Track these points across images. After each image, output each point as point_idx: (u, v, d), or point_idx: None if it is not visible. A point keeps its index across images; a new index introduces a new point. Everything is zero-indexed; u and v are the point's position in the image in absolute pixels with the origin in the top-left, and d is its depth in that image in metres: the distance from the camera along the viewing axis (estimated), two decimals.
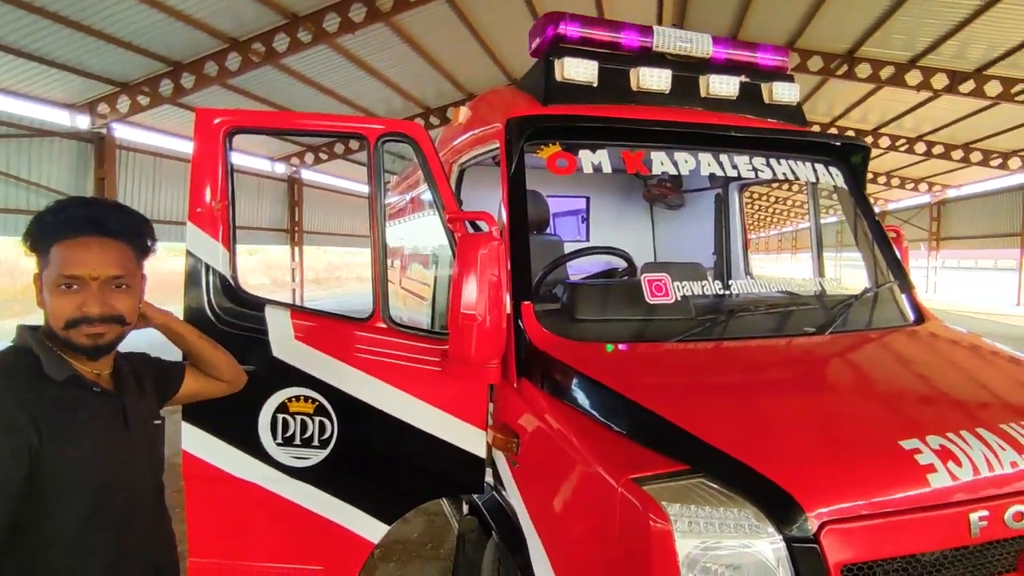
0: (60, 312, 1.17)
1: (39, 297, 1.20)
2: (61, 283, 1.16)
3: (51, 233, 1.17)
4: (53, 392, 1.16)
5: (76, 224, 1.18)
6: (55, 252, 1.16)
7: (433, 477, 2.10)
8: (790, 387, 1.67)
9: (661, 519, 1.21)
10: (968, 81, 11.72)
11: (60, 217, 1.18)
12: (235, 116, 2.01)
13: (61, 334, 1.18)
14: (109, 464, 1.21)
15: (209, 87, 9.73)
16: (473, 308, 1.73)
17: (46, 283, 1.17)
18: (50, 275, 1.16)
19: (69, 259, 1.16)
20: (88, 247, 1.17)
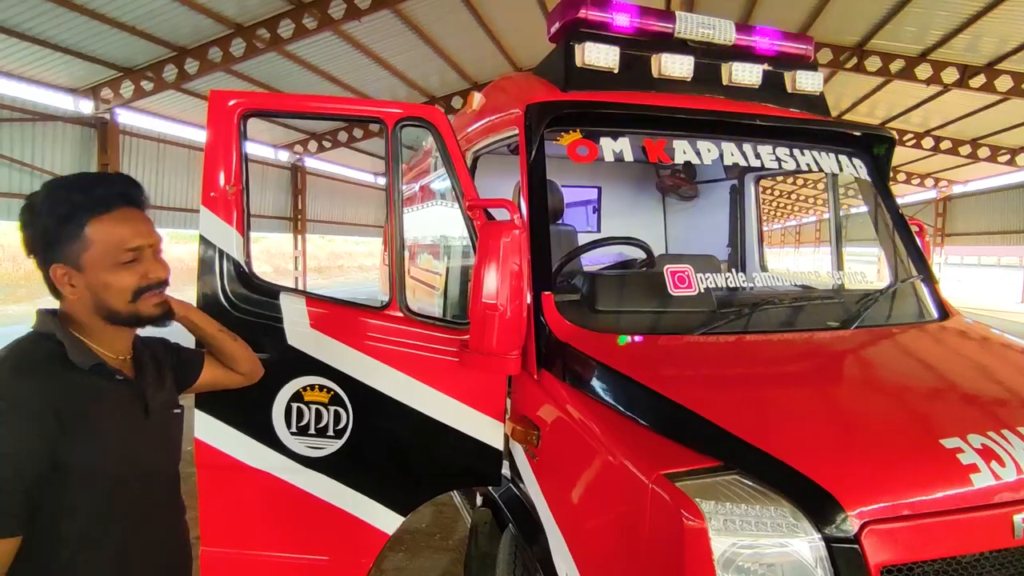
0: (126, 285, 1.14)
1: (66, 287, 1.14)
2: (125, 257, 1.14)
3: (86, 211, 1.12)
4: (76, 380, 1.12)
5: (112, 199, 1.15)
6: (96, 230, 1.12)
7: (449, 469, 2.07)
8: (821, 382, 1.63)
9: (695, 516, 1.17)
10: (979, 75, 11.60)
11: (92, 195, 1.13)
12: (250, 98, 1.96)
13: (126, 309, 1.16)
14: (128, 455, 1.18)
15: (213, 73, 9.64)
16: (495, 298, 1.69)
17: (94, 264, 1.12)
18: (101, 253, 1.12)
19: (125, 232, 1.14)
20: (133, 218, 1.16)
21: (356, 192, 19.47)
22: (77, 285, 1.14)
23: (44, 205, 1.12)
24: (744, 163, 2.23)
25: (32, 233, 1.14)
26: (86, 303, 1.15)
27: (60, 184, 1.16)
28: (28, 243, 1.15)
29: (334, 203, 18.12)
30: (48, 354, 1.12)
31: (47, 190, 1.15)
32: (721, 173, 3.74)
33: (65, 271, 1.13)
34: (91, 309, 1.16)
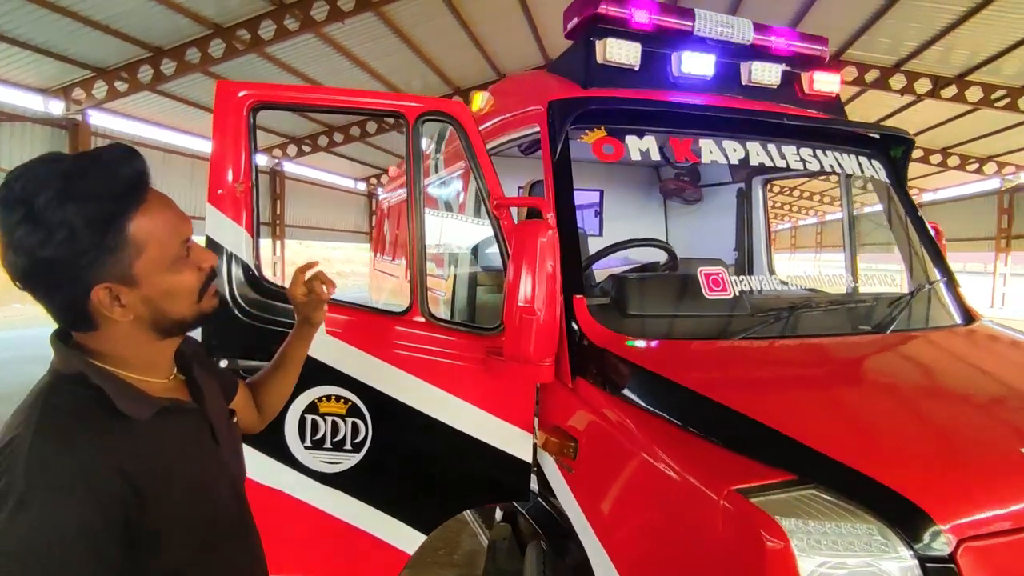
0: (192, 285, 0.91)
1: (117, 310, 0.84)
2: (183, 252, 0.90)
3: (125, 204, 0.83)
4: (135, 430, 0.85)
5: (142, 181, 0.85)
6: (143, 226, 0.83)
7: (475, 483, 1.95)
8: (882, 389, 1.57)
9: (777, 536, 1.09)
10: (950, 86, 11.95)
11: (120, 179, 0.83)
12: (260, 90, 1.83)
13: (192, 312, 0.92)
14: (209, 495, 0.96)
15: (191, 74, 9.39)
16: (532, 301, 1.59)
17: (152, 270, 0.85)
18: (157, 254, 0.85)
19: (172, 219, 0.88)
20: (165, 200, 0.89)
21: (335, 197, 19.19)
22: (130, 304, 0.85)
23: (58, 209, 0.77)
24: (770, 164, 2.17)
25: (41, 254, 0.77)
26: (142, 323, 0.88)
27: (59, 174, 0.79)
28: (28, 269, 0.79)
29: (313, 208, 17.82)
30: (88, 406, 0.83)
31: (46, 185, 0.78)
32: (726, 176, 3.71)
33: (110, 290, 0.83)
34: (147, 328, 0.89)
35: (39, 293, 0.83)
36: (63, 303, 0.84)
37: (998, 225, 16.96)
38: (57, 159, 0.82)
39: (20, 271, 0.80)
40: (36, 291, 0.83)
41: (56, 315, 0.86)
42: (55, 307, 0.84)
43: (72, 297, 0.82)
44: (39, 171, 0.79)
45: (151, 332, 0.90)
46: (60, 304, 0.84)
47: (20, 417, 0.82)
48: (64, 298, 0.83)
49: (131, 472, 0.81)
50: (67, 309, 0.84)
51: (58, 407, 0.82)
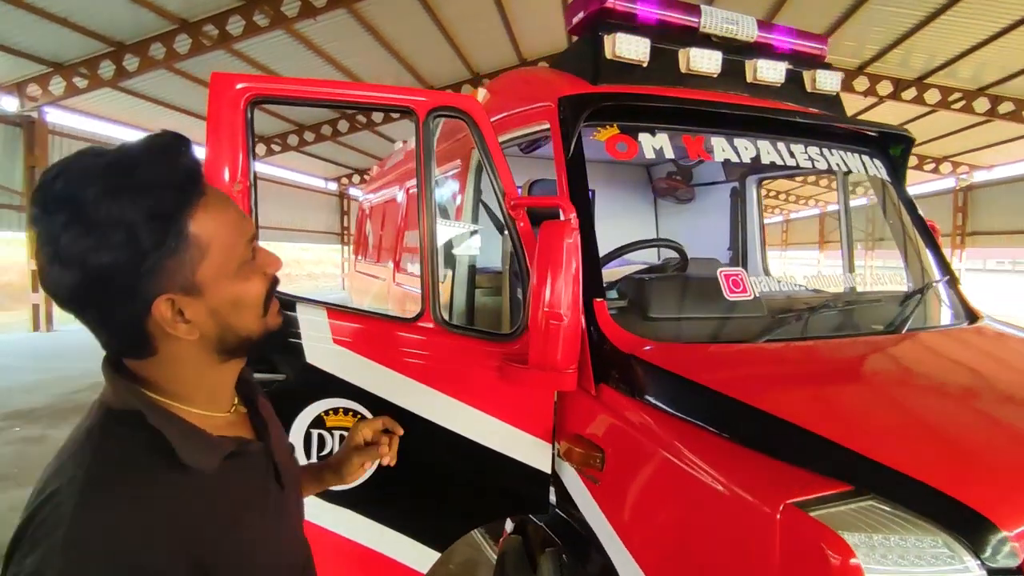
0: (259, 292, 0.77)
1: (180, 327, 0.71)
2: (248, 254, 0.76)
3: (185, 199, 0.69)
4: (198, 484, 0.71)
5: (196, 170, 0.72)
6: (206, 224, 0.70)
7: (491, 496, 1.87)
8: (921, 392, 1.54)
9: (844, 553, 1.03)
10: (910, 88, 12.35)
11: (179, 170, 0.70)
12: (259, 82, 1.71)
13: (258, 328, 0.78)
14: (275, 551, 0.84)
15: (155, 70, 9.05)
16: (559, 306, 1.51)
17: (217, 276, 0.72)
18: (222, 257, 0.72)
19: (235, 215, 0.75)
20: (227, 197, 0.77)
21: (306, 197, 18.79)
22: (195, 318, 0.71)
23: (112, 204, 0.64)
24: (781, 162, 2.14)
25: (95, 262, 0.64)
26: (206, 343, 0.74)
27: (107, 165, 0.66)
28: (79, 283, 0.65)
29: (282, 209, 17.41)
30: (143, 455, 0.69)
31: (94, 179, 0.65)
32: (720, 175, 3.70)
33: (173, 303, 0.69)
34: (211, 349, 0.75)
35: (90, 313, 0.68)
36: (120, 323, 0.70)
37: (953, 223, 17.59)
38: (99, 152, 0.69)
39: (69, 287, 0.65)
40: (87, 311, 0.68)
41: (109, 339, 0.72)
42: (109, 329, 0.71)
43: (130, 314, 0.68)
44: (81, 164, 0.66)
45: (215, 354, 0.76)
46: (116, 325, 0.70)
47: (65, 463, 0.68)
48: (121, 316, 0.69)
49: (194, 540, 0.68)
50: (123, 330, 0.70)
51: (109, 455, 0.68)
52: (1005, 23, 9.17)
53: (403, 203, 3.93)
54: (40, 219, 0.65)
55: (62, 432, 5.47)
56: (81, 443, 0.69)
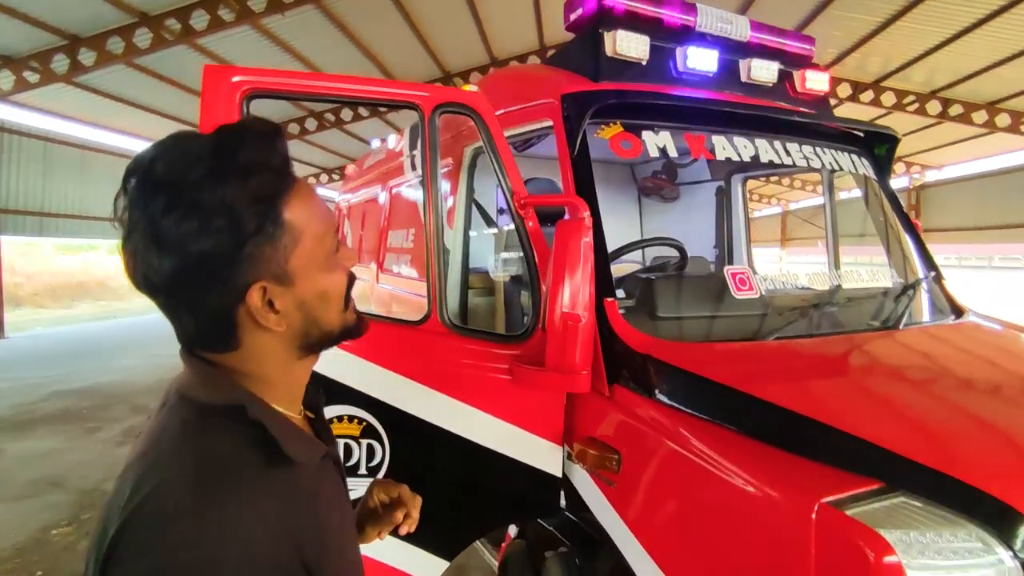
0: (342, 285, 0.74)
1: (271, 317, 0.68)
2: (335, 245, 0.74)
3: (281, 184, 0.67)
4: (298, 487, 0.68)
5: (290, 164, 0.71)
6: (296, 211, 0.68)
7: (502, 502, 1.83)
8: (939, 388, 1.56)
9: (884, 551, 1.03)
10: (868, 91, 12.77)
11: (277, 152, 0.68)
12: (257, 75, 1.63)
13: (339, 324, 0.75)
14: (356, 554, 0.82)
15: (112, 65, 8.65)
16: (577, 307, 1.48)
17: (307, 265, 0.69)
18: (311, 246, 0.69)
19: (322, 205, 0.73)
20: (312, 187, 0.74)
21: None
22: (284, 309, 0.69)
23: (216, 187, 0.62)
24: (779, 161, 2.16)
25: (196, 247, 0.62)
26: (292, 337, 0.71)
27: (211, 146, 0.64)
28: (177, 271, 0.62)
29: None
30: (251, 451, 0.66)
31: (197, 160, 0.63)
32: (705, 174, 3.73)
33: (265, 291, 0.67)
34: (295, 344, 0.72)
35: (181, 300, 0.66)
36: (211, 311, 0.66)
37: None
38: (194, 135, 0.67)
39: (166, 275, 0.63)
40: (178, 298, 0.65)
41: (195, 329, 0.68)
42: (198, 318, 0.67)
43: (223, 302, 0.66)
44: (183, 146, 0.64)
45: (296, 349, 0.73)
46: (206, 313, 0.66)
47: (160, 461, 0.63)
48: (214, 304, 0.66)
49: (303, 537, 0.65)
50: (213, 319, 0.67)
51: (215, 450, 0.63)
52: (955, 30, 9.57)
53: (386, 203, 3.84)
54: (137, 202, 0.62)
55: (23, 445, 5.19)
56: (176, 439, 0.65)
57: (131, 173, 0.64)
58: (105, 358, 9.24)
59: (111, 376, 7.90)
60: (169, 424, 0.67)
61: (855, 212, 3.04)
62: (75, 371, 8.09)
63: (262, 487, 0.63)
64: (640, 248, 2.23)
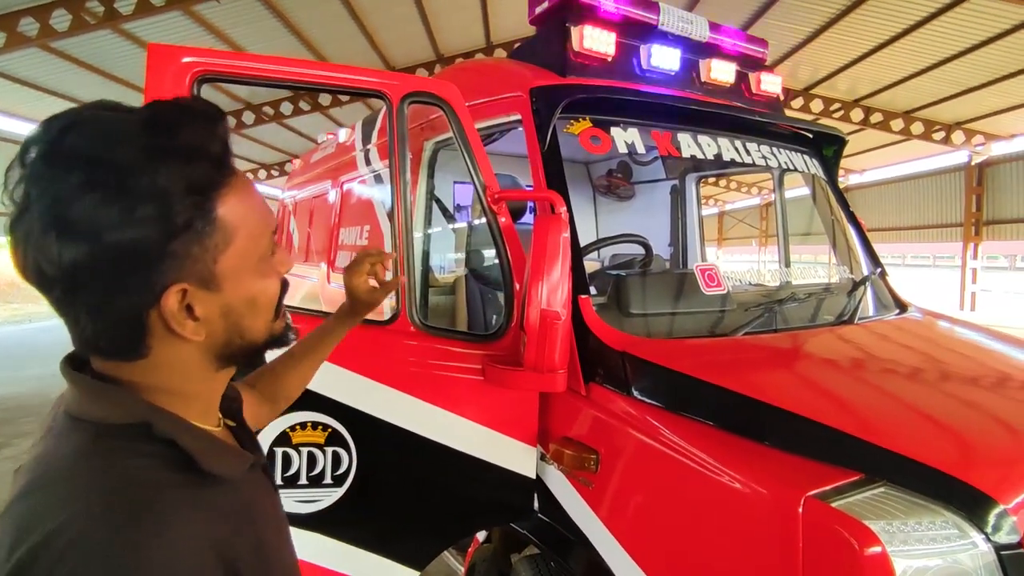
0: (274, 292, 0.67)
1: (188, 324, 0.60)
2: (271, 248, 0.66)
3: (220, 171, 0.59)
4: (223, 502, 0.61)
5: (231, 154, 0.62)
6: (233, 207, 0.60)
7: (474, 507, 1.77)
8: (906, 379, 1.61)
9: (872, 541, 1.05)
10: (798, 98, 13.44)
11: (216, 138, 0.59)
12: (208, 57, 1.50)
13: (265, 334, 0.67)
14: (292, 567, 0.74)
15: (25, 48, 7.98)
16: (557, 304, 1.45)
17: (238, 268, 0.61)
18: (246, 247, 0.62)
19: (259, 203, 0.64)
20: (250, 181, 0.65)
21: None
22: (206, 315, 0.61)
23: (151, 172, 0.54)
24: (739, 160, 2.21)
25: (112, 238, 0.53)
26: (211, 347, 0.63)
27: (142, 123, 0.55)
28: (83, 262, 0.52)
29: None
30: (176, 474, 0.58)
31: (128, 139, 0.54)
32: (660, 173, 3.79)
33: (185, 294, 0.58)
34: (212, 355, 0.64)
35: (83, 300, 0.55)
36: (119, 314, 0.56)
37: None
38: (116, 106, 0.57)
39: (66, 267, 0.52)
40: (80, 298, 0.55)
41: (95, 333, 0.57)
42: (102, 320, 0.56)
43: (134, 304, 0.56)
44: (103, 117, 0.54)
45: (215, 360, 0.64)
46: (113, 315, 0.56)
47: (56, 495, 0.52)
48: (122, 305, 0.56)
49: (238, 561, 0.57)
50: (119, 323, 0.57)
51: (122, 475, 0.54)
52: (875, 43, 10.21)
53: (337, 200, 3.70)
54: (39, 178, 0.52)
55: None
56: (72, 470, 0.55)
57: (32, 143, 0.54)
58: (16, 367, 8.53)
59: (22, 387, 7.28)
60: (60, 452, 0.57)
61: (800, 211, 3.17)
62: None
63: (187, 511, 0.55)
64: (611, 244, 2.22)
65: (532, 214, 4.03)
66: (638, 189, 3.97)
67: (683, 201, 3.64)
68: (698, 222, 3.66)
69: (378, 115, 3.31)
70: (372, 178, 3.20)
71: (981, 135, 13.86)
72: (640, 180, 3.93)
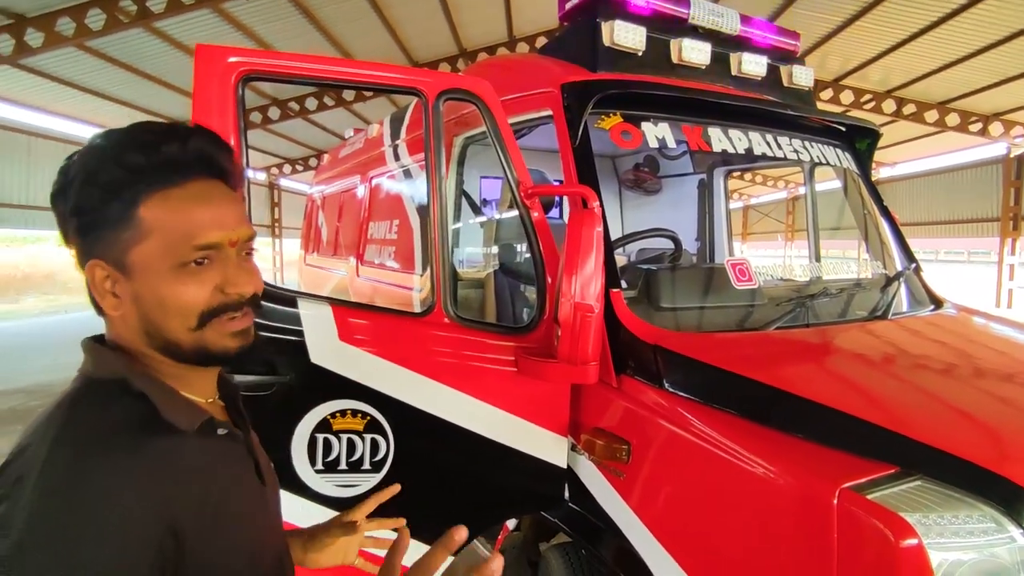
0: (189, 302, 0.72)
1: (109, 299, 0.72)
2: (191, 257, 0.71)
3: (140, 180, 0.70)
4: (178, 456, 0.68)
5: (188, 164, 0.72)
6: (155, 212, 0.70)
7: (507, 495, 1.81)
8: (937, 374, 1.60)
9: (908, 533, 1.05)
10: (827, 89, 13.16)
11: (152, 155, 0.70)
12: (252, 56, 1.55)
13: (188, 340, 0.73)
14: (256, 544, 0.78)
15: (63, 47, 8.21)
16: (591, 298, 1.47)
17: (146, 266, 0.70)
18: (159, 250, 0.70)
19: (195, 217, 0.71)
20: (212, 196, 0.73)
21: None
22: (123, 296, 0.72)
23: (80, 166, 0.71)
24: (771, 154, 2.20)
25: (62, 209, 0.72)
26: (131, 324, 0.73)
27: (109, 137, 0.72)
28: (59, 224, 0.73)
29: None
30: (133, 419, 0.67)
31: (89, 144, 0.72)
32: (688, 167, 3.77)
33: (107, 273, 0.71)
34: (145, 341, 0.73)
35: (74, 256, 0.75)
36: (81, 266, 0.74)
37: None
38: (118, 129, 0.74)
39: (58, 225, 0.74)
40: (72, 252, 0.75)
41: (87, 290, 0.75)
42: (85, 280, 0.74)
43: (81, 265, 0.73)
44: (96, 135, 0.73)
45: (150, 348, 0.74)
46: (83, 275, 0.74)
47: (35, 429, 0.66)
48: (79, 266, 0.74)
49: (170, 501, 0.65)
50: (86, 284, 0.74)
51: (87, 418, 0.66)
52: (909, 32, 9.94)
53: (365, 194, 3.76)
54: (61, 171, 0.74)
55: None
56: (54, 410, 0.68)
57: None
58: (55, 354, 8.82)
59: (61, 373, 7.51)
60: (56, 401, 0.70)
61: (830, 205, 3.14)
62: (23, 368, 7.69)
63: (137, 454, 0.64)
64: (641, 239, 2.23)
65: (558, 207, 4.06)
66: (664, 183, 3.95)
67: (711, 195, 3.62)
68: (726, 216, 3.64)
69: (406, 111, 3.35)
70: (401, 173, 3.25)
71: (1021, 126, 13.40)
72: (667, 174, 3.91)
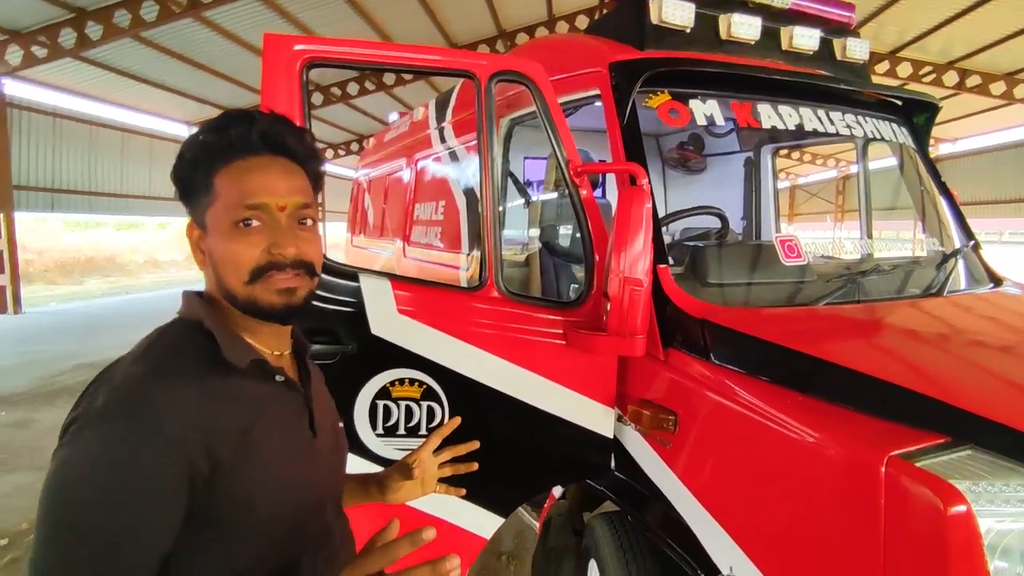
0: (242, 258, 0.82)
1: (198, 254, 0.88)
2: (240, 218, 0.83)
3: (215, 156, 0.84)
4: (231, 389, 0.80)
5: (248, 142, 0.85)
6: (222, 181, 0.84)
7: (555, 462, 1.89)
8: (993, 349, 1.59)
9: (956, 500, 1.07)
10: (883, 62, 12.58)
11: (224, 136, 0.85)
12: (316, 44, 1.64)
13: (242, 293, 0.83)
14: (293, 488, 0.86)
15: (120, 39, 8.61)
16: (640, 273, 1.52)
17: (214, 225, 0.84)
18: (220, 212, 0.83)
19: (248, 184, 0.83)
20: (269, 168, 0.85)
21: None
22: (206, 251, 0.87)
23: (183, 147, 0.87)
24: (822, 130, 2.17)
25: (173, 179, 0.88)
26: (211, 277, 0.88)
27: (203, 125, 0.89)
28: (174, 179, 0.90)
29: None
30: (195, 350, 0.81)
31: (194, 132, 0.89)
32: (734, 145, 3.73)
33: (197, 232, 0.87)
34: (216, 286, 0.87)
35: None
36: None
37: None
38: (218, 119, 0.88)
39: None
40: None
41: None
42: None
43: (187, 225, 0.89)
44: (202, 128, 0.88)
45: (225, 298, 0.86)
46: None
47: (132, 348, 0.83)
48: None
49: (215, 437, 0.76)
50: None
51: (164, 346, 0.82)
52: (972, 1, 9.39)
53: (411, 177, 3.85)
54: None
55: (48, 415, 5.30)
56: (144, 339, 0.84)
57: None
58: (119, 333, 9.33)
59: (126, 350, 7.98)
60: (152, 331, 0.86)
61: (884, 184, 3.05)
62: (92, 345, 8.18)
63: (191, 378, 0.78)
64: (688, 216, 2.25)
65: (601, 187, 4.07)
66: (709, 162, 3.91)
67: (758, 174, 3.56)
68: (773, 196, 3.59)
69: (451, 94, 3.41)
70: (447, 155, 3.32)
71: None
72: (713, 152, 3.87)
